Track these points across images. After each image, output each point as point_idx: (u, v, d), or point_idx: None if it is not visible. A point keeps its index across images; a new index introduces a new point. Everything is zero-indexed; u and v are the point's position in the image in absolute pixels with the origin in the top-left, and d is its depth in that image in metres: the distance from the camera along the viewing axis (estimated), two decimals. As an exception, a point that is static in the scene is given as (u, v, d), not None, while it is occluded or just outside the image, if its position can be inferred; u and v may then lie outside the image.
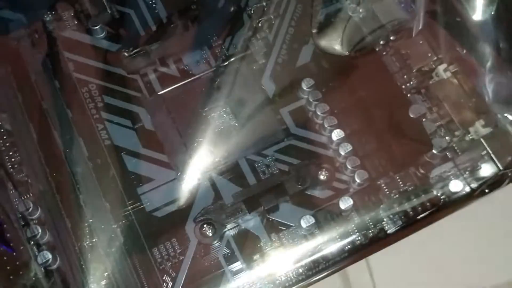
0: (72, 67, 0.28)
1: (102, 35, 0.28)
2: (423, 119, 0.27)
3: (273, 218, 0.25)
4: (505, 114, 0.25)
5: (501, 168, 0.25)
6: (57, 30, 0.28)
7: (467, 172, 0.26)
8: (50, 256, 0.24)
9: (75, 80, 0.28)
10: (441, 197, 0.26)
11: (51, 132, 0.27)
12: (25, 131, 0.27)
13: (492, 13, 0.26)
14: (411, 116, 0.26)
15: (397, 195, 0.26)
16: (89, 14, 0.29)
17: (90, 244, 0.25)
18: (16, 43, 0.28)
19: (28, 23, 0.28)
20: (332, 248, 0.25)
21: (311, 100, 0.27)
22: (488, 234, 0.29)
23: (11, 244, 0.24)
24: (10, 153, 0.26)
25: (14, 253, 0.24)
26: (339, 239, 0.25)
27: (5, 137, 0.27)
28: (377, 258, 0.26)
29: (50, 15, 0.29)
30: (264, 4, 0.29)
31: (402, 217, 0.25)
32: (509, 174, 0.25)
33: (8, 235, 0.24)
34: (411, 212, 0.25)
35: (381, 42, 0.28)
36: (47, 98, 0.27)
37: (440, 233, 0.27)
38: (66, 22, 0.29)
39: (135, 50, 0.28)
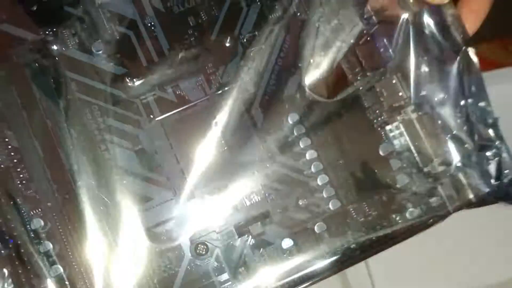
0: (75, 87, 0.30)
1: (103, 56, 0.30)
2: (390, 157, 0.31)
3: (258, 238, 0.29)
4: (458, 164, 0.29)
5: (451, 211, 0.29)
6: (60, 50, 0.30)
7: (423, 203, 0.30)
8: (61, 269, 0.27)
9: (77, 100, 0.30)
10: (399, 221, 0.30)
11: (56, 150, 0.29)
12: (32, 148, 0.29)
13: (456, 67, 0.30)
14: (381, 153, 0.30)
15: (362, 219, 0.30)
16: (91, 34, 0.30)
17: (95, 257, 0.28)
18: (20, 61, 0.29)
19: (32, 41, 0.30)
20: (309, 267, 0.29)
21: (295, 134, 0.30)
22: (486, 235, 0.32)
23: (25, 259, 0.26)
24: (18, 170, 0.28)
25: (28, 267, 0.26)
26: (314, 260, 0.29)
27: (12, 153, 0.28)
28: (376, 258, 0.29)
29: (53, 34, 0.30)
30: (256, 33, 0.32)
31: (367, 240, 0.30)
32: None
33: (22, 250, 0.27)
34: (373, 237, 0.30)
35: (358, 78, 0.32)
36: (52, 117, 0.29)
37: (439, 234, 0.30)
38: (68, 41, 0.30)
39: (137, 80, 0.30)
